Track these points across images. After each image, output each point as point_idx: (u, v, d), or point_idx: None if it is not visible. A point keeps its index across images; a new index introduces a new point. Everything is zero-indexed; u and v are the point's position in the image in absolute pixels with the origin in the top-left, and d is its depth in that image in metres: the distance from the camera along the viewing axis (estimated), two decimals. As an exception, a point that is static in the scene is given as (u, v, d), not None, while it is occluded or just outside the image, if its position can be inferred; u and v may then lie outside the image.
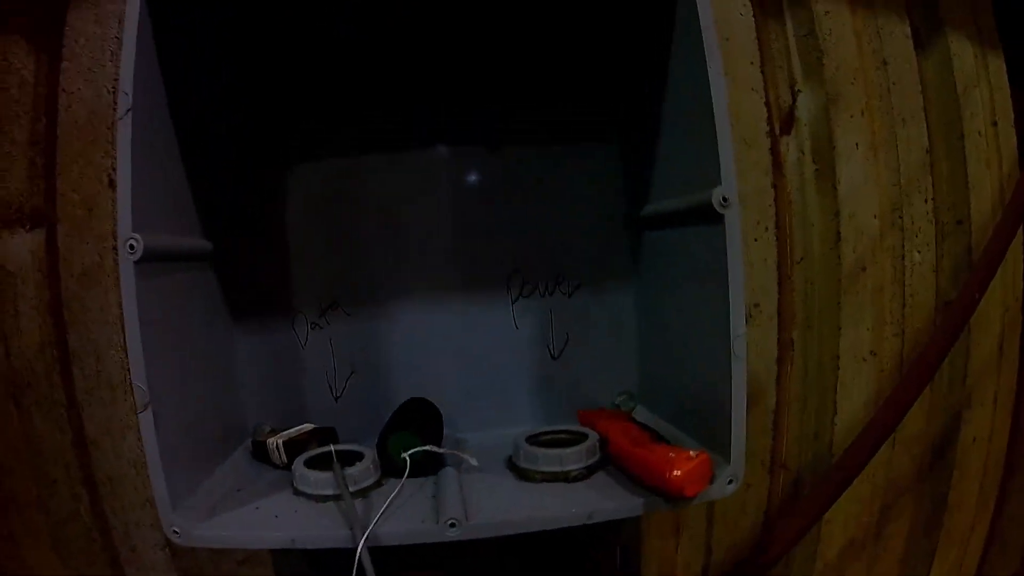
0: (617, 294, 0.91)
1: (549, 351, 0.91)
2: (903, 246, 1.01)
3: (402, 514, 0.65)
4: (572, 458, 0.70)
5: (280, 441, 0.76)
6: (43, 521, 0.95)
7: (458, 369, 0.89)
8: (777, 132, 0.98)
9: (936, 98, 1.01)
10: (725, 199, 0.62)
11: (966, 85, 1.01)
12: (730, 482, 0.64)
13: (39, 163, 0.90)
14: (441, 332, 0.89)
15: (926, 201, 1.01)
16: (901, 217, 1.01)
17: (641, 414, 0.87)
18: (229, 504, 0.68)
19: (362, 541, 0.61)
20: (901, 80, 1.00)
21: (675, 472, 0.61)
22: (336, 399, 0.88)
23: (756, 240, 0.98)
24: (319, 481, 0.68)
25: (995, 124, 1.03)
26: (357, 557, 0.61)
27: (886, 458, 1.05)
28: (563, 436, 0.76)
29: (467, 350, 0.89)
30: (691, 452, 0.62)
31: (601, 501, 0.65)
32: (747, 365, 0.63)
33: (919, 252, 1.02)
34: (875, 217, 1.00)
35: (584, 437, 0.73)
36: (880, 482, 1.06)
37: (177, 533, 0.62)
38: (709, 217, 0.63)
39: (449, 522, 0.61)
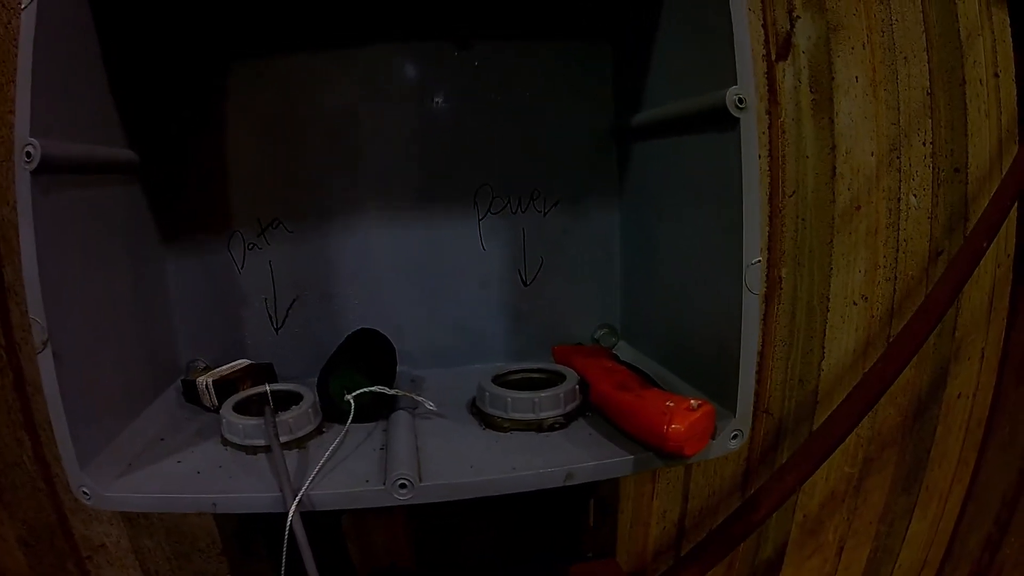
0: (600, 213, 0.73)
1: (520, 276, 0.73)
2: (899, 188, 0.88)
3: (344, 470, 0.49)
4: (547, 403, 0.54)
5: (210, 380, 0.59)
6: (-13, 468, 0.81)
7: (416, 296, 0.71)
8: (773, 58, 0.82)
9: (938, 41, 0.87)
10: (742, 100, 0.46)
11: (969, 32, 0.87)
12: (735, 437, 0.50)
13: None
14: (397, 253, 0.70)
15: (925, 144, 0.88)
16: (899, 158, 0.87)
17: (623, 351, 0.72)
18: (149, 457, 0.53)
19: (293, 507, 0.45)
20: (904, 18, 0.85)
21: (673, 426, 0.46)
22: (277, 330, 0.70)
23: (747, 168, 0.82)
24: (248, 429, 0.52)
25: (997, 75, 0.89)
26: (288, 525, 0.45)
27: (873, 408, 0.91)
28: (536, 376, 0.61)
29: (427, 274, 0.71)
30: (692, 402, 0.47)
31: (582, 458, 0.50)
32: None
33: (915, 196, 0.88)
34: (872, 155, 0.86)
35: (561, 378, 0.58)
36: (865, 433, 0.94)
37: (87, 494, 0.48)
38: (720, 122, 0.48)
39: (399, 482, 0.46)
